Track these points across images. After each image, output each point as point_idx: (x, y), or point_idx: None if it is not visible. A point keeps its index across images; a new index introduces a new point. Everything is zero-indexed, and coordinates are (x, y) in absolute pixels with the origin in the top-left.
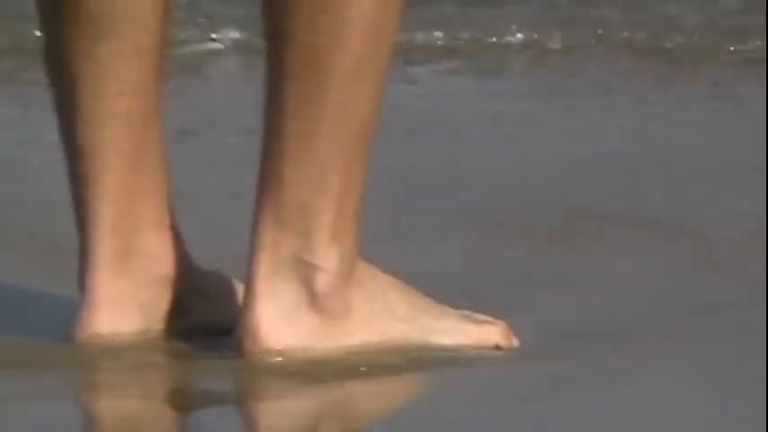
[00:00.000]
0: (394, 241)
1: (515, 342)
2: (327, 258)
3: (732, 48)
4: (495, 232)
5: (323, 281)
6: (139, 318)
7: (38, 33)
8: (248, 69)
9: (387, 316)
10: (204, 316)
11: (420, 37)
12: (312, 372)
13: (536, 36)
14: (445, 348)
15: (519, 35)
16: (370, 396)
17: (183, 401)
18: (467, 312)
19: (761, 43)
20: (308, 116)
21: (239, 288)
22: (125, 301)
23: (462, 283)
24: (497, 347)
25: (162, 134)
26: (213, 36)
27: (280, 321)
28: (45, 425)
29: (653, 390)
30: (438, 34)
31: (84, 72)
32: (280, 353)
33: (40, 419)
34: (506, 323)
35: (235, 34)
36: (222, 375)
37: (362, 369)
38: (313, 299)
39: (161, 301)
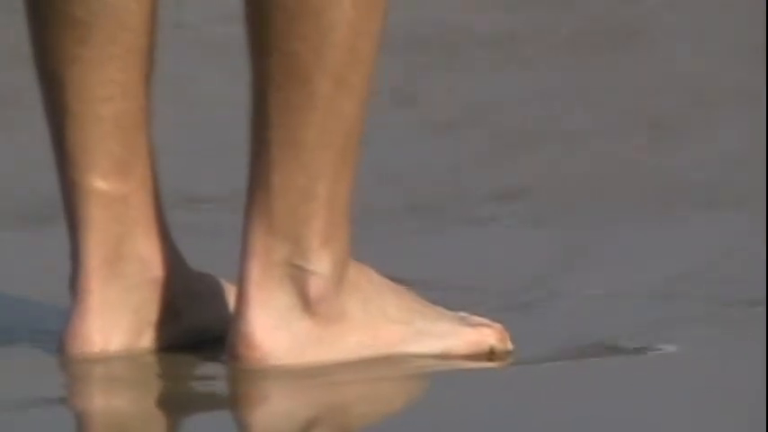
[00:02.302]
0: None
1: (510, 345)
2: (319, 262)
3: None
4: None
5: (316, 285)
6: (131, 322)
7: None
8: None
9: (382, 318)
10: (197, 318)
11: None
12: (306, 375)
13: None
14: (440, 351)
15: None
16: (365, 400)
17: (177, 405)
18: (463, 314)
19: None
20: (294, 124)
21: (231, 290)
22: (116, 305)
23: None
24: (492, 350)
25: (151, 136)
26: None
27: (273, 327)
28: (40, 428)
29: (651, 391)
30: None
31: (72, 76)
32: (274, 357)
33: (35, 423)
34: (502, 325)
35: None
36: (216, 379)
37: (357, 372)
38: (306, 303)
39: (153, 305)
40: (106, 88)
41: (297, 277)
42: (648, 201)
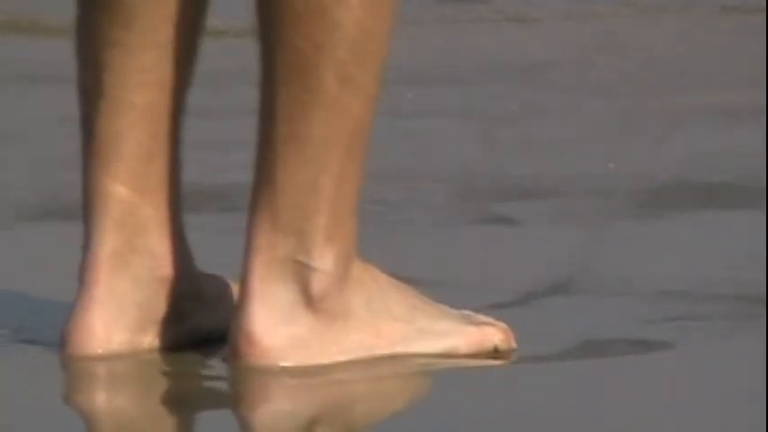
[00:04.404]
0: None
1: (514, 344)
2: (322, 259)
3: None
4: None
5: (318, 282)
6: (135, 317)
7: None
8: None
9: (385, 316)
10: (202, 321)
11: None
12: (309, 373)
13: None
14: (443, 350)
15: None
16: (368, 398)
17: (180, 403)
18: (467, 313)
19: None
20: (300, 120)
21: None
22: (122, 298)
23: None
24: (496, 349)
25: (181, 133)
26: None
27: (275, 322)
28: (42, 427)
29: (651, 390)
30: None
31: (112, 60)
32: (275, 354)
33: (38, 422)
34: (506, 325)
35: None
36: (219, 377)
37: (360, 371)
38: (309, 300)
39: (159, 303)
40: (142, 76)
41: (300, 273)
42: (649, 202)
